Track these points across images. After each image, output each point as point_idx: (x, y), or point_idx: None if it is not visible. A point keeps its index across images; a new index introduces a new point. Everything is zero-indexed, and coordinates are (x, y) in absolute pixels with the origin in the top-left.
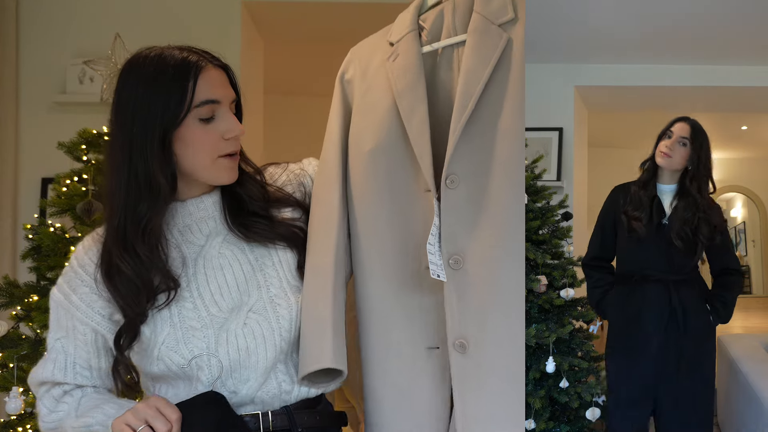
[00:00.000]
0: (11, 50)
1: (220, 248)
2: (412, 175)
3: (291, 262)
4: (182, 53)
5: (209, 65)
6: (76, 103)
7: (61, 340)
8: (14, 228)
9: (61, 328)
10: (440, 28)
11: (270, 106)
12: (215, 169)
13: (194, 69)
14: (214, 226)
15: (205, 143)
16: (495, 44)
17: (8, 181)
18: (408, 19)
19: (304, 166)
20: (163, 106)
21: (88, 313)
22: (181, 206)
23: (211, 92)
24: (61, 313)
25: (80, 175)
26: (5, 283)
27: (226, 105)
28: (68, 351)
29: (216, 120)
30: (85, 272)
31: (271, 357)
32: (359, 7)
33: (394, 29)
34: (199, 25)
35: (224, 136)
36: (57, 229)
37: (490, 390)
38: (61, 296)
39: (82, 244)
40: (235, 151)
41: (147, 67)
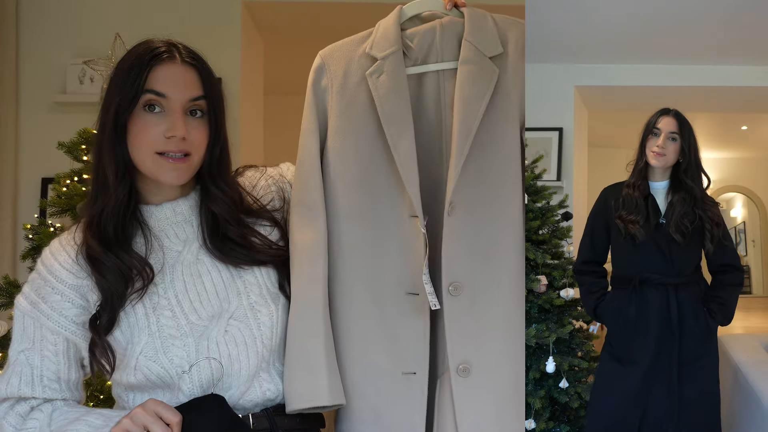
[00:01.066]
0: (11, 50)
1: (198, 254)
2: (397, 200)
3: (271, 274)
4: (154, 44)
5: (174, 60)
6: (76, 103)
7: (25, 352)
8: (14, 228)
9: (27, 339)
10: (427, 48)
11: (270, 106)
12: (155, 167)
13: (151, 59)
14: (192, 231)
15: (144, 136)
16: (489, 78)
17: (8, 181)
18: (392, 34)
19: (283, 171)
20: (118, 92)
21: (60, 321)
22: (156, 209)
23: (160, 85)
24: (27, 323)
25: (80, 175)
26: (5, 283)
27: (177, 104)
28: (34, 363)
29: (163, 116)
30: (55, 278)
31: (254, 364)
32: (359, 7)
33: (377, 42)
34: (199, 25)
35: (165, 134)
36: (57, 229)
37: (494, 410)
38: (28, 305)
39: (49, 249)
40: (175, 152)
41: (124, 56)
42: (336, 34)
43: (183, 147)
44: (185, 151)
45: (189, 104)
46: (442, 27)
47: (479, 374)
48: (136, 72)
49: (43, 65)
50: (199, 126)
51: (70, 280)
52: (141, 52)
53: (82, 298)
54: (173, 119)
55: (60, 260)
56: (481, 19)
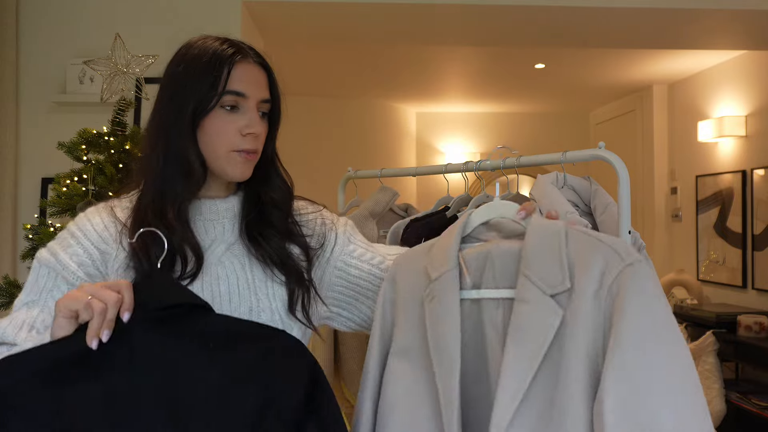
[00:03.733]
0: (11, 50)
1: (221, 256)
2: (434, 425)
3: (284, 300)
4: (224, 44)
5: (248, 60)
6: (76, 103)
7: (28, 304)
8: (14, 228)
9: (35, 290)
10: (482, 271)
11: None
12: (227, 162)
13: (230, 59)
14: (221, 232)
15: (223, 133)
16: (548, 323)
17: (8, 181)
18: (450, 249)
19: (337, 224)
20: (196, 90)
21: (77, 273)
22: (194, 203)
23: (241, 85)
24: (42, 273)
25: (80, 175)
26: (5, 283)
27: (253, 102)
28: (31, 314)
29: (239, 113)
30: (83, 234)
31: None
32: (359, 8)
33: (435, 258)
34: (199, 25)
35: (242, 131)
36: (57, 229)
37: None
38: (47, 254)
39: (84, 215)
40: (251, 150)
41: (191, 51)
42: (336, 34)
43: (257, 145)
44: (256, 149)
45: (261, 105)
46: (499, 249)
47: None
48: (216, 73)
49: (43, 65)
50: (264, 126)
51: (97, 242)
52: (214, 52)
53: (102, 264)
54: (250, 117)
55: (93, 222)
56: (547, 241)
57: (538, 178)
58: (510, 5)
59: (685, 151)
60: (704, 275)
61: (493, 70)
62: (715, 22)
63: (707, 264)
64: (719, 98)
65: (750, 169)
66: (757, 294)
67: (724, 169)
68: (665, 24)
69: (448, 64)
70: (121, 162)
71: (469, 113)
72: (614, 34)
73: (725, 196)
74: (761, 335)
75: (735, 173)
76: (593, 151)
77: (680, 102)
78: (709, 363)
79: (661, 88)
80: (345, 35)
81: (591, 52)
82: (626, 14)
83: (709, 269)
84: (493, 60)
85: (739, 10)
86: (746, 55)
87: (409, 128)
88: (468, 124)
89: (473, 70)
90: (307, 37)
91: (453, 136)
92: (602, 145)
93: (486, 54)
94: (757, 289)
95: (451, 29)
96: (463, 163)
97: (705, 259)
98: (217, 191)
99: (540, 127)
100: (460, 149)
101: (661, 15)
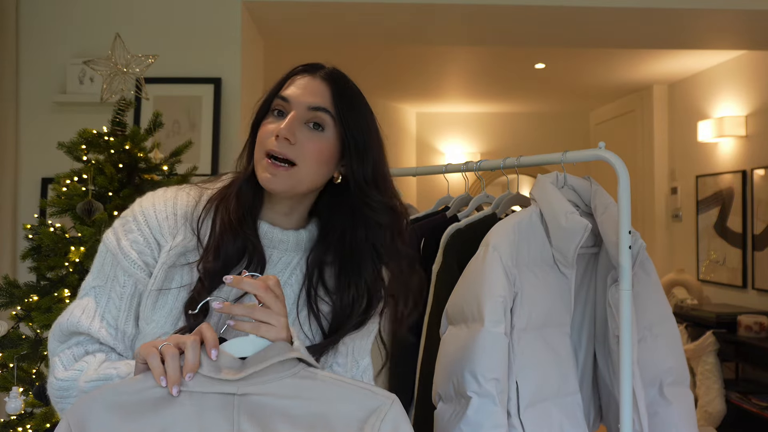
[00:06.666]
0: (11, 50)
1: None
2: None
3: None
4: (307, 64)
5: (312, 75)
6: (76, 103)
7: (96, 288)
8: (14, 228)
9: (102, 275)
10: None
11: None
12: (258, 165)
13: (295, 69)
14: (275, 261)
15: (263, 134)
16: None
17: (8, 181)
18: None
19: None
20: (264, 99)
21: (136, 262)
22: (258, 222)
23: (288, 90)
24: (108, 259)
25: (80, 175)
26: (5, 283)
27: (293, 107)
28: (100, 302)
29: (283, 118)
30: (144, 219)
31: None
32: (359, 8)
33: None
34: (199, 25)
35: (274, 133)
36: (57, 229)
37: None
38: (113, 239)
39: (152, 196)
40: (274, 151)
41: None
42: (336, 34)
43: (285, 151)
44: (288, 157)
45: (308, 113)
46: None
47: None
48: (279, 82)
49: (43, 65)
50: (314, 138)
51: (155, 231)
52: (293, 68)
53: (158, 253)
54: (284, 120)
55: (157, 208)
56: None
57: (538, 178)
58: (510, 5)
59: (685, 151)
60: (704, 275)
61: (493, 70)
62: (715, 22)
63: (707, 264)
64: (719, 98)
65: (750, 169)
66: (757, 294)
67: (724, 169)
68: (665, 24)
69: (448, 64)
70: (121, 162)
71: (469, 113)
72: (614, 34)
73: (725, 196)
74: (761, 335)
75: (735, 173)
76: (593, 151)
77: (680, 102)
78: (709, 363)
79: (661, 88)
80: (345, 35)
81: (591, 52)
82: (626, 14)
83: (709, 269)
84: (493, 60)
85: (739, 10)
86: (746, 55)
87: (409, 128)
88: (468, 124)
89: (473, 70)
90: (307, 37)
91: (453, 136)
92: (602, 145)
93: (486, 54)
94: (757, 289)
95: (451, 29)
96: (463, 163)
97: (705, 259)
98: (281, 216)
99: (540, 127)
100: (460, 149)
101: (661, 15)
